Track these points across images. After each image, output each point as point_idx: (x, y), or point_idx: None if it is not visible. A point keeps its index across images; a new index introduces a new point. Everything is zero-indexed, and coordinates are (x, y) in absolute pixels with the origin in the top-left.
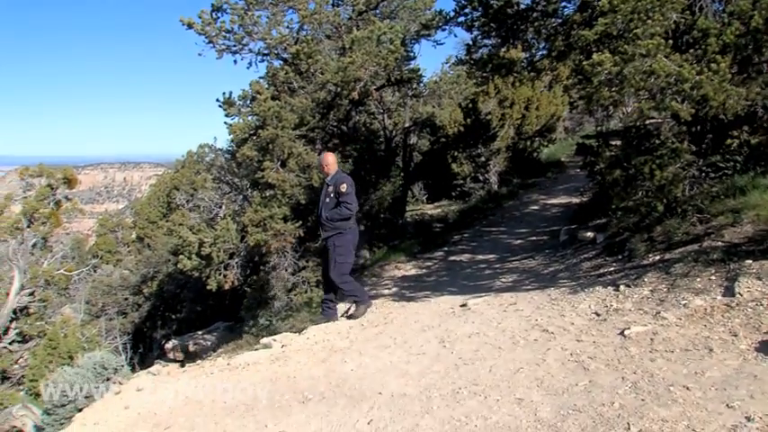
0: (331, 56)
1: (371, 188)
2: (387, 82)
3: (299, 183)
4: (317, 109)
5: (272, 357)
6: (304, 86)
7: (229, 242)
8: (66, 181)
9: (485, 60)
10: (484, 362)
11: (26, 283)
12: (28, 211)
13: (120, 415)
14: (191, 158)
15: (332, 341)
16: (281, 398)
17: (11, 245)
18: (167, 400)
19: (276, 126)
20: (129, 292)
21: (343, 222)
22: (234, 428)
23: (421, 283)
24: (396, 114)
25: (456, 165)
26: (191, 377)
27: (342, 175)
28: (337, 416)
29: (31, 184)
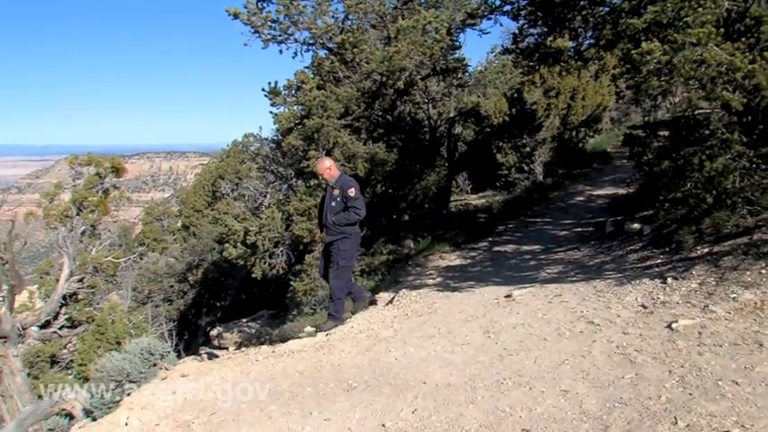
0: (376, 45)
1: (416, 178)
2: (432, 71)
3: (345, 172)
4: (362, 98)
5: (316, 345)
6: (349, 76)
7: (274, 231)
8: (115, 170)
9: (531, 49)
10: (529, 353)
11: (75, 270)
12: (77, 200)
13: (167, 400)
14: (236, 148)
15: (376, 330)
16: (326, 386)
17: (61, 232)
18: (213, 386)
19: (321, 116)
20: (175, 279)
21: (350, 227)
22: (279, 415)
23: (465, 274)
24: (440, 104)
25: (501, 155)
26: (236, 364)
27: (348, 179)
28: (382, 404)
29: (80, 172)
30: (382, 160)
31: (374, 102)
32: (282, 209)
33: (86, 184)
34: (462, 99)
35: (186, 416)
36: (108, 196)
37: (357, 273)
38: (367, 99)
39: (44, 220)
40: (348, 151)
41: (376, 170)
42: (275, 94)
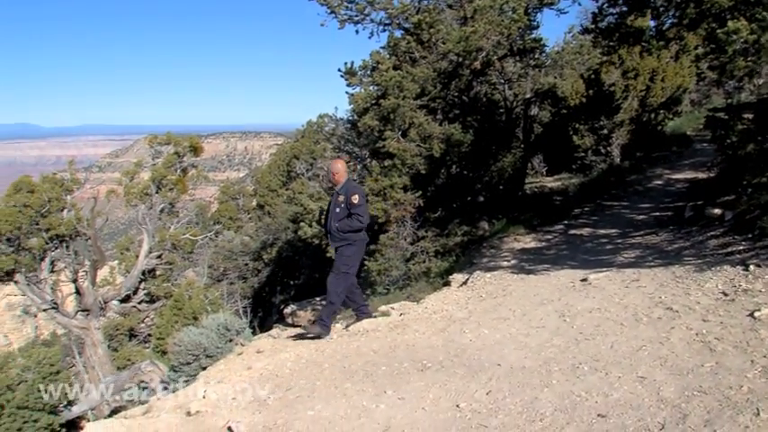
0: (452, 25)
1: (491, 159)
2: (509, 52)
3: (420, 153)
4: (438, 79)
5: (390, 325)
6: (425, 56)
7: None
8: (193, 149)
9: (611, 29)
10: (605, 338)
11: (154, 247)
12: (156, 178)
13: (243, 375)
14: (310, 128)
15: (450, 311)
16: (400, 365)
17: (140, 209)
18: (288, 363)
19: (398, 96)
20: (250, 257)
21: (353, 234)
22: (353, 393)
23: (540, 256)
24: (516, 85)
25: (577, 137)
26: (310, 341)
27: (353, 185)
28: (456, 385)
29: (160, 151)
30: (458, 141)
31: (450, 82)
32: None
33: (165, 163)
34: (539, 80)
35: (262, 391)
36: (186, 175)
37: (431, 253)
38: (443, 79)
39: (124, 197)
40: (424, 132)
41: (451, 151)
42: (351, 75)
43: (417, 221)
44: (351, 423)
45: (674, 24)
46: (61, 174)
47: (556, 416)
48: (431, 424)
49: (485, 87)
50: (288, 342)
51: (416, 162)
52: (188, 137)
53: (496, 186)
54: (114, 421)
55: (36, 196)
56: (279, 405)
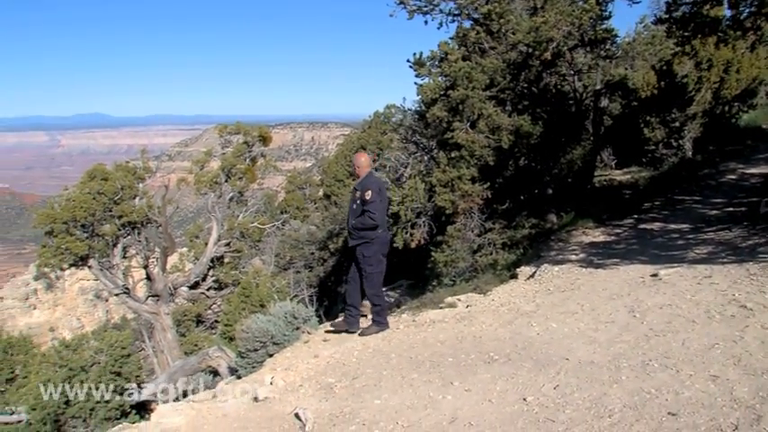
0: (522, 16)
1: (560, 152)
2: (579, 42)
3: (488, 144)
4: (507, 70)
5: (457, 317)
6: (495, 47)
7: (417, 201)
8: (262, 138)
9: (686, 19)
10: (676, 335)
11: (223, 235)
12: (226, 167)
13: (310, 362)
14: (377, 119)
15: (517, 304)
16: (467, 357)
17: (210, 198)
18: (355, 352)
19: (466, 87)
20: (316, 247)
21: (370, 231)
22: (420, 383)
23: (609, 251)
24: (586, 77)
25: (648, 130)
26: None
27: (370, 180)
28: (523, 378)
29: (229, 141)
30: (527, 133)
31: (520, 73)
32: (425, 180)
33: (235, 152)
34: (609, 71)
35: (329, 379)
36: (255, 164)
37: (498, 245)
38: (512, 70)
39: (194, 186)
40: (493, 123)
41: (520, 143)
42: (420, 66)
43: (485, 213)
44: (417, 413)
45: (752, 14)
46: (133, 162)
47: (625, 412)
48: (497, 417)
49: (554, 78)
50: None
51: (485, 153)
52: (257, 126)
53: (565, 179)
54: (184, 404)
55: (109, 184)
56: (346, 393)
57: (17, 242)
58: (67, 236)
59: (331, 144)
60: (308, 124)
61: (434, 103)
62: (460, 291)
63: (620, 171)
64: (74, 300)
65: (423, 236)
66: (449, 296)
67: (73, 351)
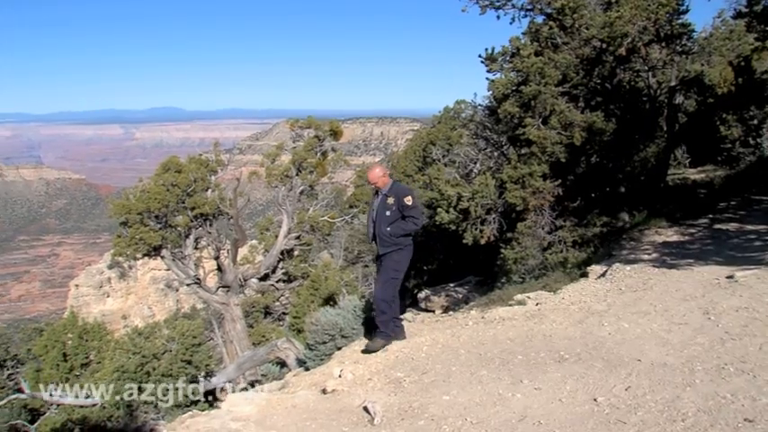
0: (596, 10)
1: (633, 149)
2: (655, 38)
3: (560, 141)
4: (580, 66)
5: (526, 314)
6: (568, 42)
7: (487, 198)
8: (333, 133)
9: None
10: (753, 338)
11: (293, 228)
12: (297, 161)
13: (379, 356)
14: (447, 114)
15: (588, 303)
16: (537, 355)
17: (281, 191)
18: (424, 347)
19: (539, 82)
20: None
21: (404, 238)
22: (489, 380)
23: (683, 251)
24: (660, 73)
25: (724, 127)
26: (445, 327)
27: (403, 186)
28: (594, 378)
29: (300, 134)
30: (600, 130)
31: (593, 69)
32: (496, 176)
33: (306, 146)
34: (685, 67)
35: (398, 373)
36: (325, 158)
37: (569, 243)
38: (586, 66)
39: (266, 179)
40: (565, 119)
41: (592, 140)
42: (492, 61)
43: (556, 210)
44: (486, 410)
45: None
46: (206, 155)
47: (699, 417)
48: (567, 416)
49: (628, 75)
50: (422, 326)
51: (556, 150)
52: (328, 121)
53: (638, 177)
54: (254, 394)
55: (183, 176)
56: (414, 388)
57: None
58: (142, 226)
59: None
60: (378, 119)
61: (506, 99)
62: (530, 288)
63: (694, 170)
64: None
65: (492, 232)
66: (518, 293)
67: (145, 339)
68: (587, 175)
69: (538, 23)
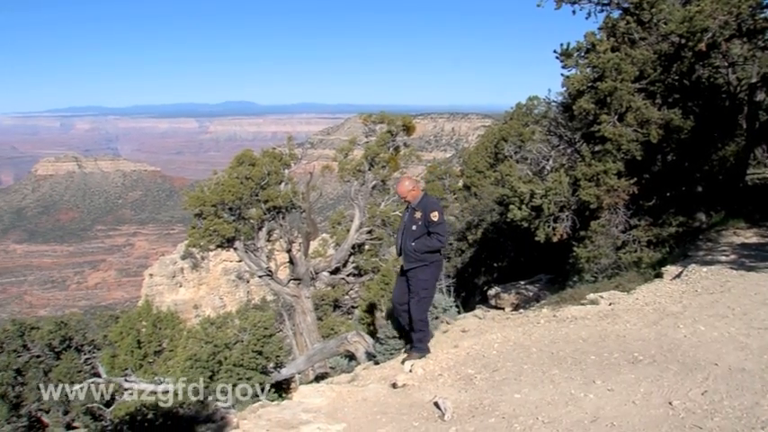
0: (675, 5)
1: (712, 148)
2: (736, 32)
3: (636, 138)
4: (658, 61)
5: (599, 314)
6: (645, 37)
7: (561, 195)
8: (405, 128)
9: None
10: None
11: (365, 222)
12: (369, 155)
13: (450, 352)
14: (519, 110)
15: (663, 304)
16: (610, 356)
17: (353, 185)
18: (495, 344)
19: (615, 78)
20: (454, 237)
21: (430, 254)
22: (561, 380)
23: (762, 253)
24: (740, 69)
25: None
26: (516, 325)
27: (432, 201)
28: (669, 381)
29: (373, 129)
30: (677, 127)
31: (671, 65)
32: (569, 173)
33: (378, 141)
34: (766, 63)
35: (469, 370)
36: (398, 153)
37: (643, 243)
38: (663, 62)
39: (338, 173)
40: (641, 116)
41: (669, 137)
42: (567, 56)
43: (630, 209)
44: (558, 410)
45: None
46: (280, 148)
47: None
48: (641, 419)
49: (707, 71)
50: (493, 323)
51: (632, 148)
52: (401, 116)
53: (716, 176)
54: (325, 386)
55: (257, 169)
56: (485, 385)
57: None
58: (215, 218)
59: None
60: (449, 115)
61: (581, 95)
62: (602, 288)
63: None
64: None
65: (565, 230)
66: (590, 293)
67: (217, 328)
68: (663, 173)
69: (614, 18)
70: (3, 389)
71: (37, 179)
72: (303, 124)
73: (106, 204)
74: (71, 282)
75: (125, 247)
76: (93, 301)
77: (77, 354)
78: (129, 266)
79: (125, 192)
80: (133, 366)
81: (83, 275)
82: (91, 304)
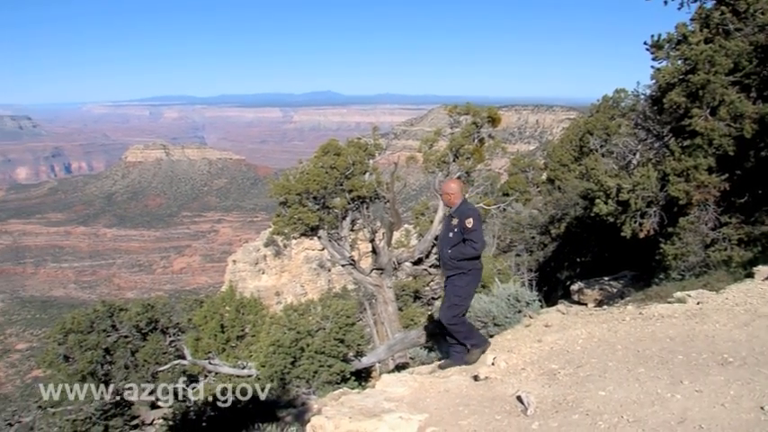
0: None
1: None
2: None
3: (729, 133)
4: (754, 53)
5: (687, 313)
6: (741, 28)
7: (648, 190)
8: (491, 120)
9: None
10: None
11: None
12: (454, 146)
13: (533, 347)
14: (606, 103)
15: (755, 305)
16: (698, 356)
17: (438, 176)
18: (579, 340)
19: (708, 71)
20: (537, 231)
21: (467, 262)
22: (647, 379)
23: None
24: None
25: None
26: (600, 321)
27: (468, 207)
28: (761, 385)
29: (458, 121)
30: None
31: None
32: (657, 168)
33: (463, 133)
34: None
35: (552, 365)
36: (483, 145)
37: (734, 241)
38: (760, 54)
39: (422, 164)
40: (735, 110)
41: (764, 132)
42: (658, 48)
43: (721, 206)
44: (643, 409)
45: None
46: (364, 139)
47: None
48: (730, 423)
49: None
50: (576, 319)
51: (724, 143)
52: (487, 108)
53: None
54: (408, 376)
55: (342, 159)
56: (569, 381)
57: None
58: (300, 207)
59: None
60: (533, 107)
61: (672, 88)
62: (689, 286)
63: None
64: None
65: (652, 226)
66: (677, 291)
67: (300, 315)
68: (757, 169)
69: (708, 9)
70: (92, 367)
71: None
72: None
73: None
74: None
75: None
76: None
77: (163, 336)
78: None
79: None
80: (216, 350)
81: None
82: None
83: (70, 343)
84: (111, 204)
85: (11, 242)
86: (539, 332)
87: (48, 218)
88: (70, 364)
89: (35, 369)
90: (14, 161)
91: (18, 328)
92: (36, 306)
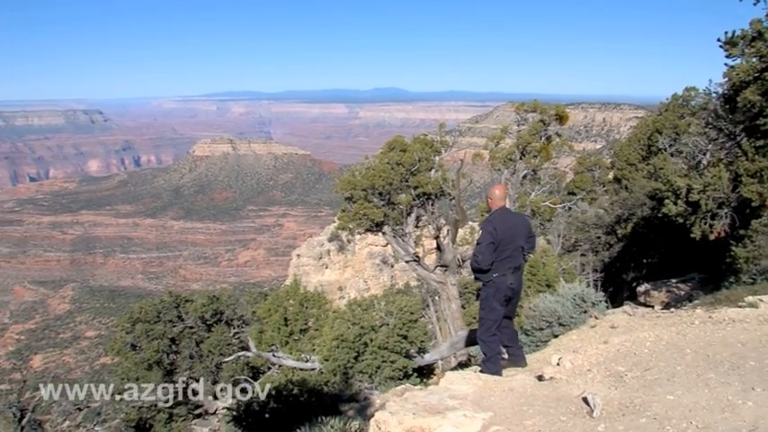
0: None
1: None
2: None
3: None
4: None
5: (759, 318)
6: None
7: (720, 191)
8: (558, 117)
9: None
10: None
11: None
12: (521, 144)
13: (599, 348)
14: (675, 102)
15: None
16: None
17: (504, 174)
18: (647, 343)
19: None
20: (602, 231)
21: (482, 275)
22: (717, 384)
23: None
24: None
25: None
26: (668, 324)
27: (490, 218)
28: None
29: (525, 118)
30: None
31: None
32: (729, 168)
33: (530, 130)
34: None
35: (619, 367)
36: (550, 143)
37: None
38: None
39: (489, 161)
40: None
41: None
42: (732, 45)
43: None
44: (713, 415)
45: None
46: (430, 135)
47: None
48: None
49: None
50: (643, 321)
51: None
52: (554, 105)
53: None
54: (471, 373)
55: (407, 155)
56: (636, 384)
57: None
58: (365, 202)
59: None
60: (600, 105)
61: (746, 87)
62: (762, 291)
63: None
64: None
65: (723, 228)
66: (748, 295)
67: (363, 310)
68: None
69: None
70: (159, 356)
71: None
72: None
73: (258, 186)
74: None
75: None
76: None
77: (227, 327)
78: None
79: (276, 174)
80: (279, 343)
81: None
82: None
83: (137, 332)
84: (178, 197)
85: (82, 232)
86: (605, 333)
87: (117, 209)
88: (137, 352)
89: (103, 356)
90: (86, 154)
91: (87, 316)
92: (105, 295)
